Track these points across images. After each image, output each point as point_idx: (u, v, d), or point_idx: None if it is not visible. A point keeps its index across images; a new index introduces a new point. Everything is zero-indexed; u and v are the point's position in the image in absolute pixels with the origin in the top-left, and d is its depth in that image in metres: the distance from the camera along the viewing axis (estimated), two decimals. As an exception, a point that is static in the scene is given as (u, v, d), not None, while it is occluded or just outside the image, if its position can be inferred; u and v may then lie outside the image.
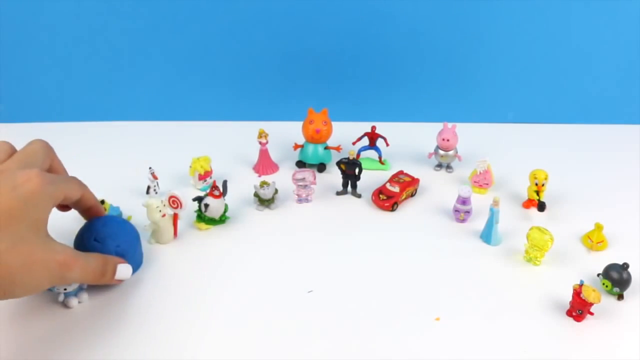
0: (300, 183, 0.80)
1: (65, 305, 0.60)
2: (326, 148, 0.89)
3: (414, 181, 0.83)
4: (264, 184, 0.78)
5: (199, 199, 0.74)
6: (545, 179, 0.78)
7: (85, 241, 0.60)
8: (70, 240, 0.61)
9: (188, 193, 0.79)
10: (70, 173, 0.90)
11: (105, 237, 0.60)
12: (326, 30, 1.01)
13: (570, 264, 0.69)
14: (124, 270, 0.59)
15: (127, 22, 0.99)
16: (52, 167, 0.58)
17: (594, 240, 0.71)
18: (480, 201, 0.80)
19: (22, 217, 0.47)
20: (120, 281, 0.60)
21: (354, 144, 0.91)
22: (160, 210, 0.70)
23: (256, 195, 0.79)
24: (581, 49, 1.01)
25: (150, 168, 0.80)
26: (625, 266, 0.63)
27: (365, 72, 1.04)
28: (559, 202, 0.81)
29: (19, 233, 0.47)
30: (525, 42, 1.01)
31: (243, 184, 0.83)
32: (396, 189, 0.80)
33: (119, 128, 1.03)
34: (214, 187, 0.74)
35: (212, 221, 0.75)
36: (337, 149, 0.90)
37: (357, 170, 0.82)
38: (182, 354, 0.54)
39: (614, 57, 1.01)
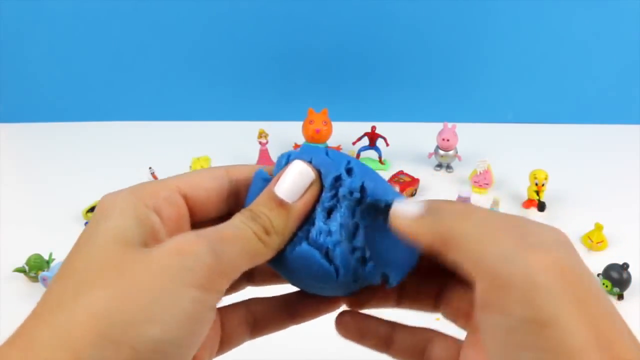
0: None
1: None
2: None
3: (414, 181, 0.83)
4: (264, 184, 0.78)
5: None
6: (545, 179, 0.78)
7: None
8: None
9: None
10: (71, 173, 0.90)
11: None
12: (326, 30, 1.01)
13: (570, 264, 0.68)
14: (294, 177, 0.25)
15: (127, 22, 0.99)
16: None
17: (594, 240, 0.71)
18: (480, 201, 0.80)
19: None
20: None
21: (354, 144, 0.91)
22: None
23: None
24: (581, 49, 1.01)
25: (150, 168, 0.80)
26: (625, 266, 0.63)
27: (365, 72, 1.04)
28: (559, 202, 0.81)
29: None
30: (525, 42, 1.01)
31: (243, 184, 0.83)
32: (396, 189, 0.80)
33: (119, 128, 1.03)
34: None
35: (212, 221, 0.75)
36: (337, 149, 0.90)
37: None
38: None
39: (613, 57, 1.01)
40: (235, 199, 0.26)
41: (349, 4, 0.98)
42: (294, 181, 0.24)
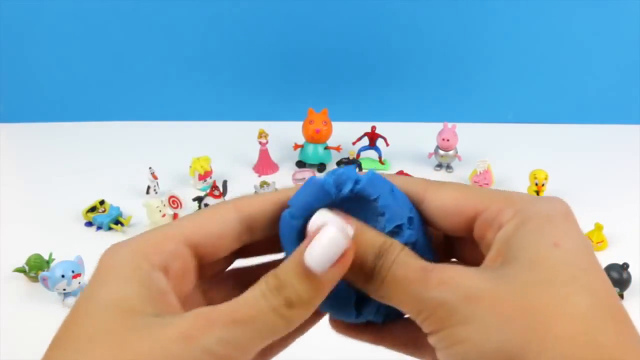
0: (301, 183, 0.79)
1: (65, 305, 0.60)
2: (326, 148, 0.89)
3: (414, 181, 0.83)
4: (264, 184, 0.78)
5: (199, 199, 0.74)
6: (545, 179, 0.78)
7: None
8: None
9: (188, 193, 0.79)
10: (71, 173, 0.90)
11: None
12: (326, 30, 1.01)
13: (570, 264, 0.68)
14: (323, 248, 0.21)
15: (127, 22, 0.99)
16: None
17: (594, 240, 0.71)
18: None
19: None
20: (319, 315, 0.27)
21: (354, 144, 0.91)
22: (160, 210, 0.70)
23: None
24: (581, 49, 1.01)
25: (150, 168, 0.80)
26: (625, 266, 0.63)
27: (365, 72, 1.04)
28: (559, 202, 0.81)
29: None
30: (525, 42, 1.01)
31: (243, 184, 0.83)
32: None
33: (119, 128, 1.03)
34: (214, 187, 0.74)
35: (212, 221, 0.74)
36: (337, 149, 0.90)
37: (357, 170, 0.82)
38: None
39: (614, 57, 1.01)
40: (250, 234, 0.24)
41: (349, 4, 0.98)
42: (326, 250, 0.20)
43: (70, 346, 0.19)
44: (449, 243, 0.27)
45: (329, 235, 0.20)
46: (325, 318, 0.27)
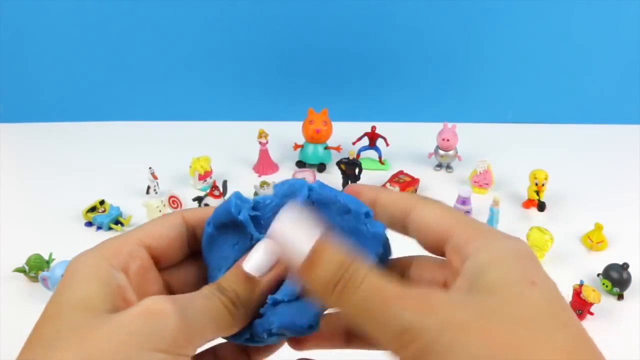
0: (300, 183, 0.79)
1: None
2: (326, 148, 0.89)
3: (414, 181, 0.83)
4: (264, 184, 0.78)
5: (199, 199, 0.74)
6: (545, 179, 0.78)
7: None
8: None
9: (188, 193, 0.79)
10: (71, 173, 0.90)
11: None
12: (326, 30, 1.01)
13: (570, 264, 0.68)
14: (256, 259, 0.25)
15: (127, 22, 0.99)
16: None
17: (594, 240, 0.71)
18: (480, 201, 0.80)
19: None
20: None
21: (354, 144, 0.91)
22: (160, 210, 0.70)
23: (256, 195, 0.79)
24: (581, 49, 1.01)
25: (150, 168, 0.80)
26: (625, 266, 0.63)
27: (365, 72, 1.04)
28: (559, 202, 0.81)
29: None
30: (525, 42, 1.01)
31: (243, 184, 0.83)
32: (396, 189, 0.80)
33: (119, 128, 1.03)
34: (214, 187, 0.74)
35: (212, 221, 0.74)
36: (337, 149, 0.90)
37: (357, 170, 0.82)
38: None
39: (613, 57, 1.01)
40: (195, 242, 0.27)
41: (349, 5, 0.98)
42: (262, 258, 0.25)
43: (39, 346, 0.21)
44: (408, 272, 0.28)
45: (266, 248, 0.25)
46: None
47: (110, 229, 0.74)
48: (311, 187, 0.26)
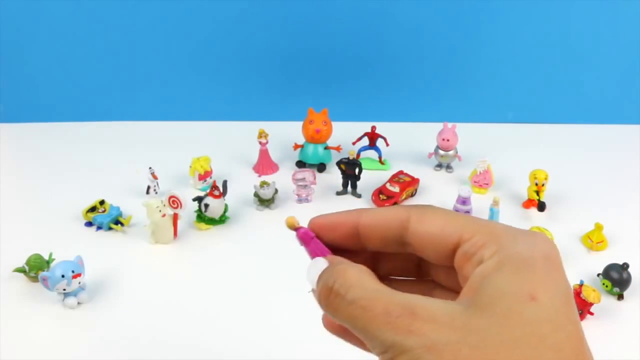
0: (300, 183, 0.80)
1: (65, 305, 0.60)
2: (326, 148, 0.89)
3: (414, 181, 0.83)
4: (264, 184, 0.78)
5: (199, 199, 0.74)
6: (545, 179, 0.78)
7: None
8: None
9: (188, 193, 0.79)
10: (71, 173, 0.90)
11: None
12: (326, 30, 1.01)
13: (570, 264, 0.68)
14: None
15: (127, 22, 0.99)
16: None
17: (594, 240, 0.71)
18: (480, 201, 0.80)
19: None
20: None
21: (354, 144, 0.91)
22: (160, 210, 0.70)
23: (256, 195, 0.79)
24: (581, 49, 1.01)
25: (150, 168, 0.80)
26: (625, 266, 0.63)
27: (365, 72, 1.04)
28: (559, 202, 0.81)
29: None
30: (525, 42, 1.01)
31: (243, 184, 0.83)
32: (396, 189, 0.80)
33: (119, 128, 1.03)
34: (214, 187, 0.74)
35: (212, 221, 0.75)
36: (337, 149, 0.90)
37: (357, 170, 0.82)
38: (182, 352, 0.54)
39: (613, 57, 1.01)
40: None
41: (348, 5, 0.98)
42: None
43: None
44: (425, 264, 0.26)
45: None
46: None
47: (110, 229, 0.74)
48: None
